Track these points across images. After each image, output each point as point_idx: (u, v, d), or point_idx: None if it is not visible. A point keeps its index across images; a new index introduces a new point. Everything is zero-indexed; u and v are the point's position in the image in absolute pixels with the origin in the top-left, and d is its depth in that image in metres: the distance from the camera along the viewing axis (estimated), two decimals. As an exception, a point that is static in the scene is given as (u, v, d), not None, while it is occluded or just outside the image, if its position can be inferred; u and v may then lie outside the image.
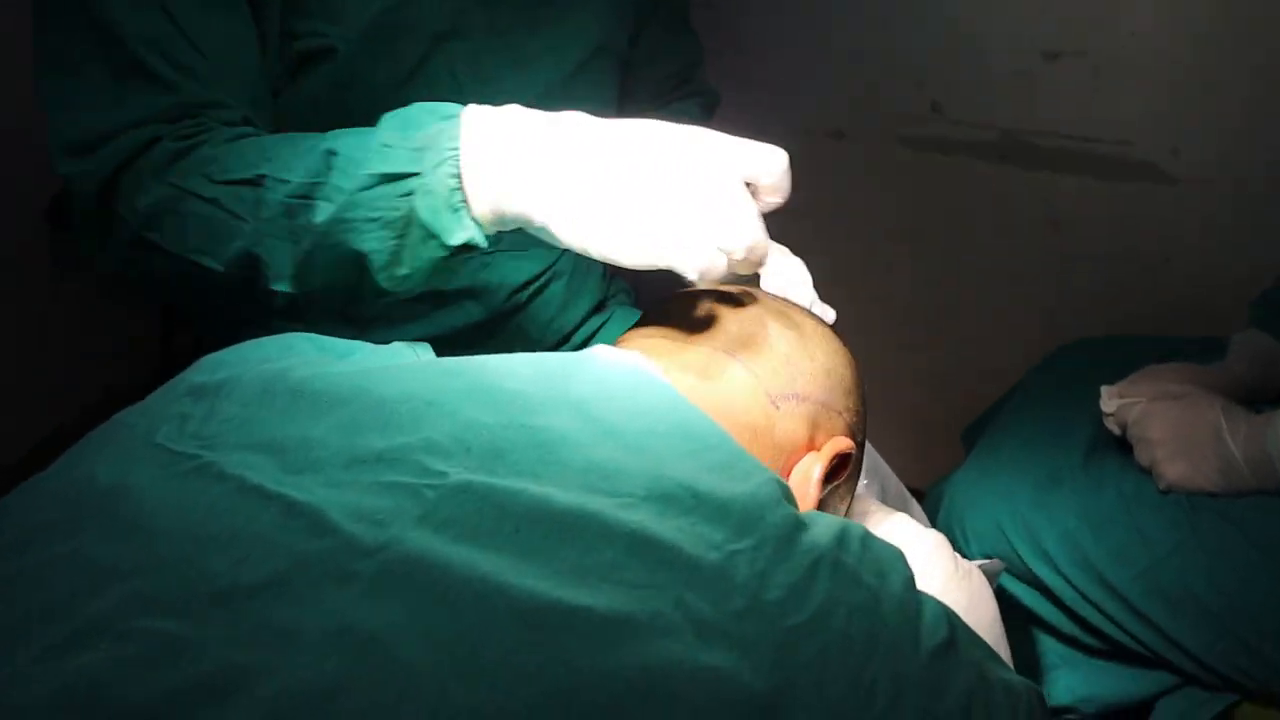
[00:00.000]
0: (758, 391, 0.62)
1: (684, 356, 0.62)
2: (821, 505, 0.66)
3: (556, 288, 0.95)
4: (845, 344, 0.71)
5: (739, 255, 0.55)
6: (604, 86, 0.90)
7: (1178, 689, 0.98)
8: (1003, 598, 1.02)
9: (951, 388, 1.54)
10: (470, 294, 0.87)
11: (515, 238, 0.62)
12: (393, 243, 0.59)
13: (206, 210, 0.61)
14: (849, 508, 0.73)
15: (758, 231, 0.56)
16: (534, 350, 0.98)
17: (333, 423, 0.47)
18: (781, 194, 0.58)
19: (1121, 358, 1.10)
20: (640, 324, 0.69)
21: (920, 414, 1.56)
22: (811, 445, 0.64)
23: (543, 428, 0.46)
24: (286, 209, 0.60)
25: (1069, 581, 1.01)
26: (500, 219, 0.59)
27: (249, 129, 0.66)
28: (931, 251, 1.57)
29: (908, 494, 1.17)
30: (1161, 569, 0.94)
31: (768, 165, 0.56)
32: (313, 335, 0.59)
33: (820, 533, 0.45)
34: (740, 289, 0.72)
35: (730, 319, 0.65)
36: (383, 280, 0.61)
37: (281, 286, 0.63)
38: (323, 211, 0.59)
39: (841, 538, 0.45)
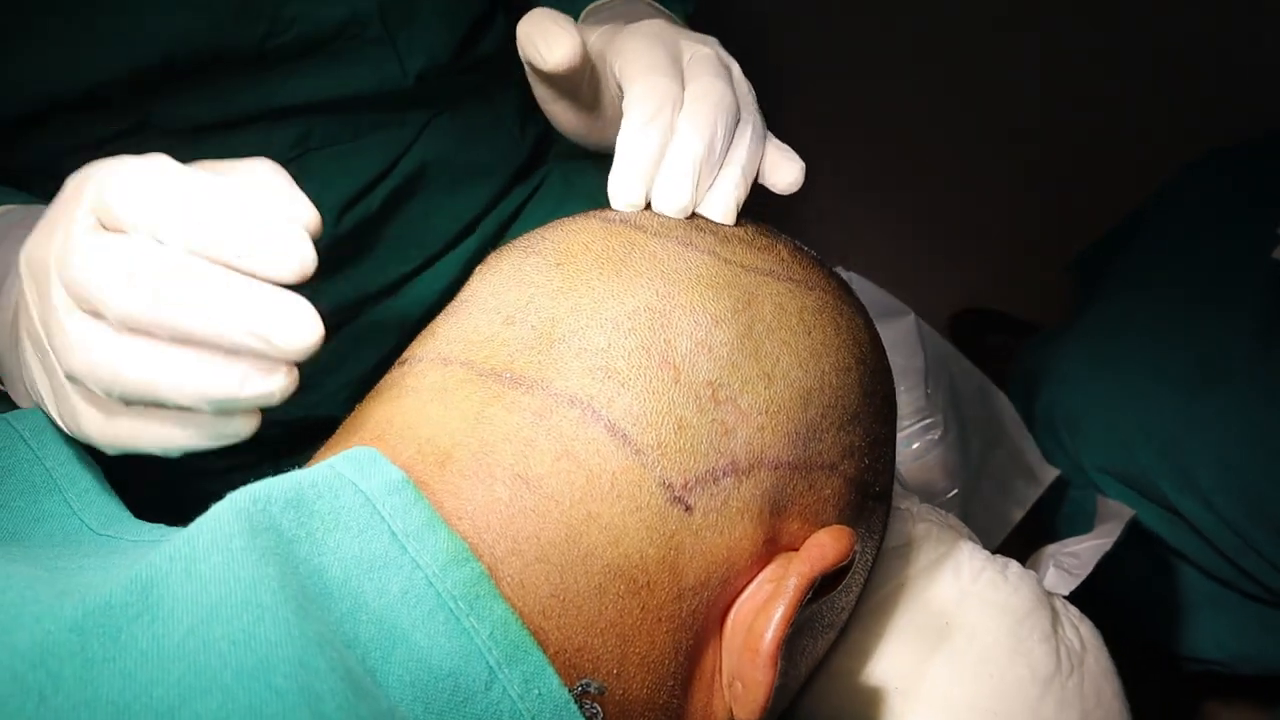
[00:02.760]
0: (643, 483, 0.30)
1: (490, 430, 0.30)
2: (805, 628, 0.36)
3: (436, 182, 0.63)
4: (846, 297, 0.38)
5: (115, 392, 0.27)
6: None
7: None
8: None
9: (1064, 195, 1.28)
10: None
11: None
12: None
13: None
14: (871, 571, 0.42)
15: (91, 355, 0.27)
16: (418, 256, 0.69)
17: None
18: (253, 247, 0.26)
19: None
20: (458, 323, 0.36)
21: (1026, 230, 1.31)
22: (772, 549, 0.33)
23: None
24: None
25: (1232, 528, 0.71)
26: None
27: None
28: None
29: (991, 387, 0.86)
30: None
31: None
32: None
33: None
34: (620, 215, 0.37)
35: (600, 314, 0.33)
36: None
37: None
38: None
39: None
